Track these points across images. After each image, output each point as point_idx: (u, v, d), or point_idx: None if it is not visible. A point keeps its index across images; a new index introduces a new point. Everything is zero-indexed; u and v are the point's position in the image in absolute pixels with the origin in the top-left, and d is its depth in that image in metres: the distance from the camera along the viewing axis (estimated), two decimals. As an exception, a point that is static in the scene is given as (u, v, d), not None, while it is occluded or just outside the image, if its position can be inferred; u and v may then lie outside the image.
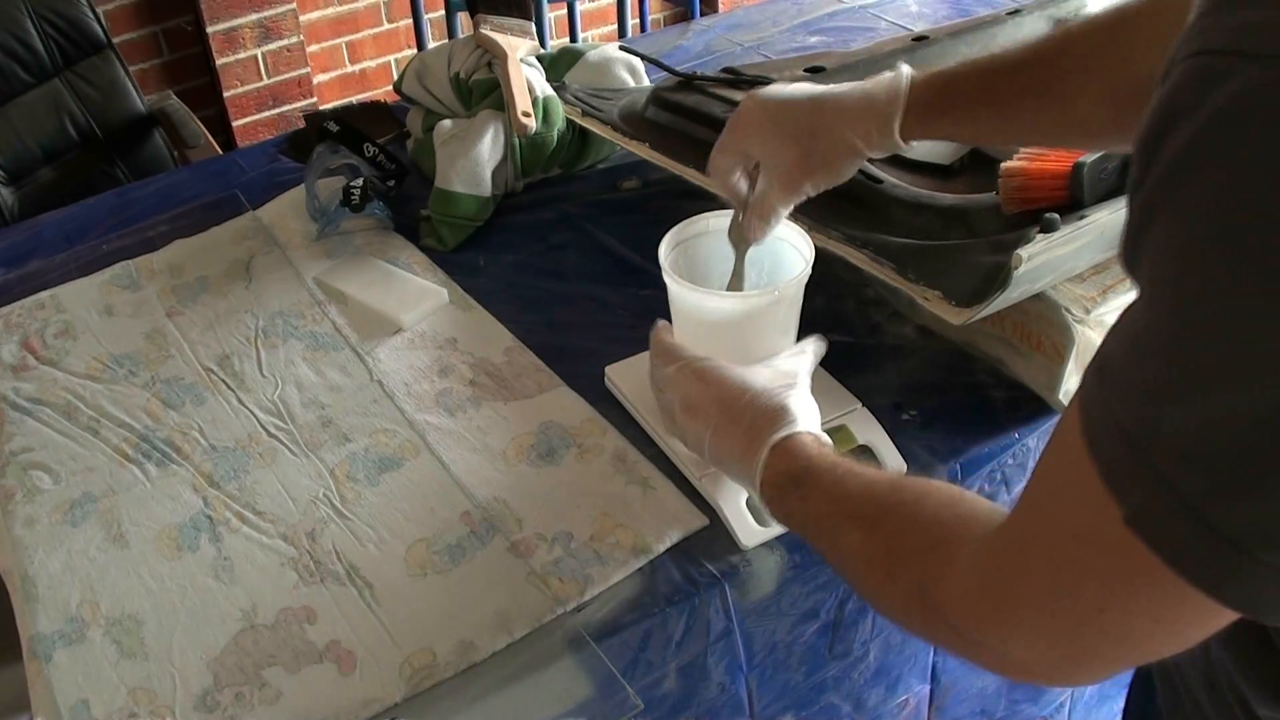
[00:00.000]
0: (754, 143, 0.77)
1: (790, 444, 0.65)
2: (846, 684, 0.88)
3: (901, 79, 0.72)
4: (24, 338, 0.99)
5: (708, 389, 0.70)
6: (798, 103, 0.75)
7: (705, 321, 0.77)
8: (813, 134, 0.74)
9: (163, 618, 0.73)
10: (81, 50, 1.81)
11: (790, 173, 0.75)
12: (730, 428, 0.68)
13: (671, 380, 0.73)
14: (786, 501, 0.64)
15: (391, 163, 1.14)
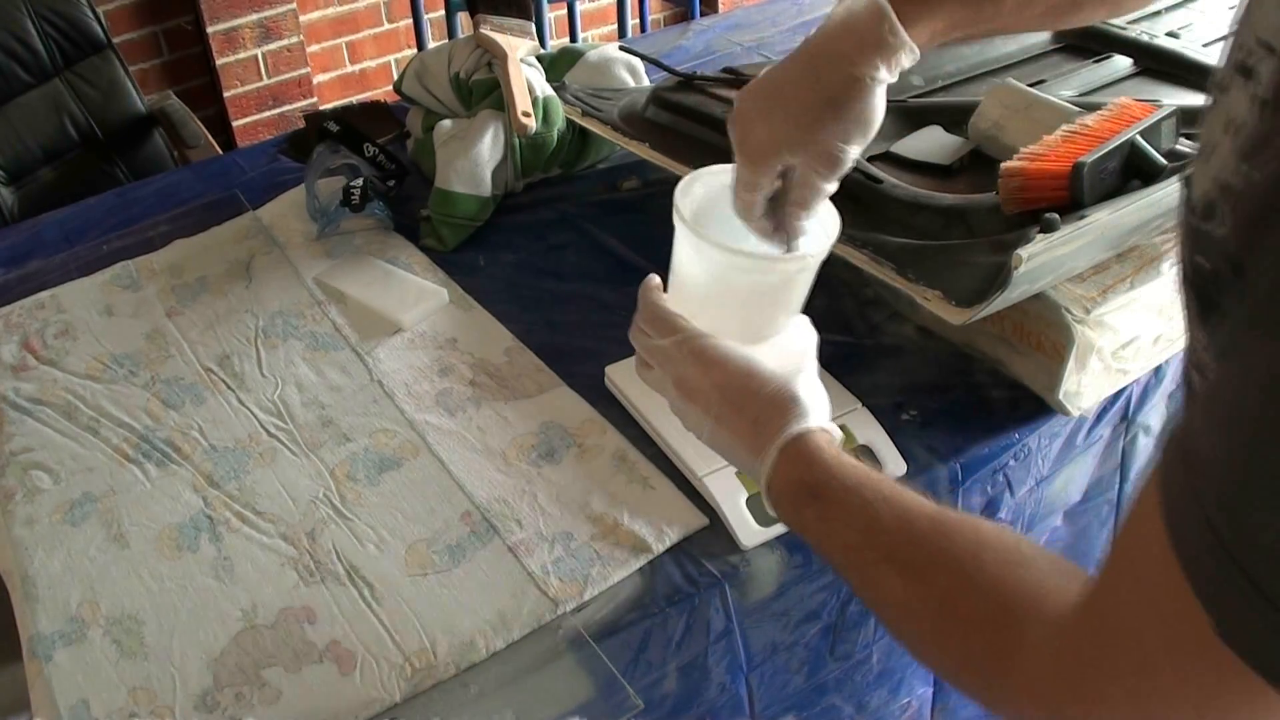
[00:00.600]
0: (773, 147, 0.66)
1: (803, 445, 0.59)
2: (849, 686, 0.88)
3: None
4: (24, 338, 0.99)
5: (708, 372, 0.63)
6: (792, 74, 0.66)
7: (716, 284, 0.67)
8: (827, 95, 0.64)
9: (163, 618, 0.73)
10: (81, 50, 1.81)
11: (828, 149, 0.65)
12: (734, 418, 0.62)
13: (665, 355, 0.66)
14: (800, 513, 0.59)
15: (391, 163, 1.14)
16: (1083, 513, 0.95)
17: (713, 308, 0.67)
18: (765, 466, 0.60)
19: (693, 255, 0.66)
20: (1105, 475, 0.94)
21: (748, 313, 0.68)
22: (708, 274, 0.67)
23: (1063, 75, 1.06)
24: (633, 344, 0.69)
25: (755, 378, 0.62)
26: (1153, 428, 0.94)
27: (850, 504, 0.56)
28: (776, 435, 0.60)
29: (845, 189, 0.88)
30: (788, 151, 0.65)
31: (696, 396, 0.64)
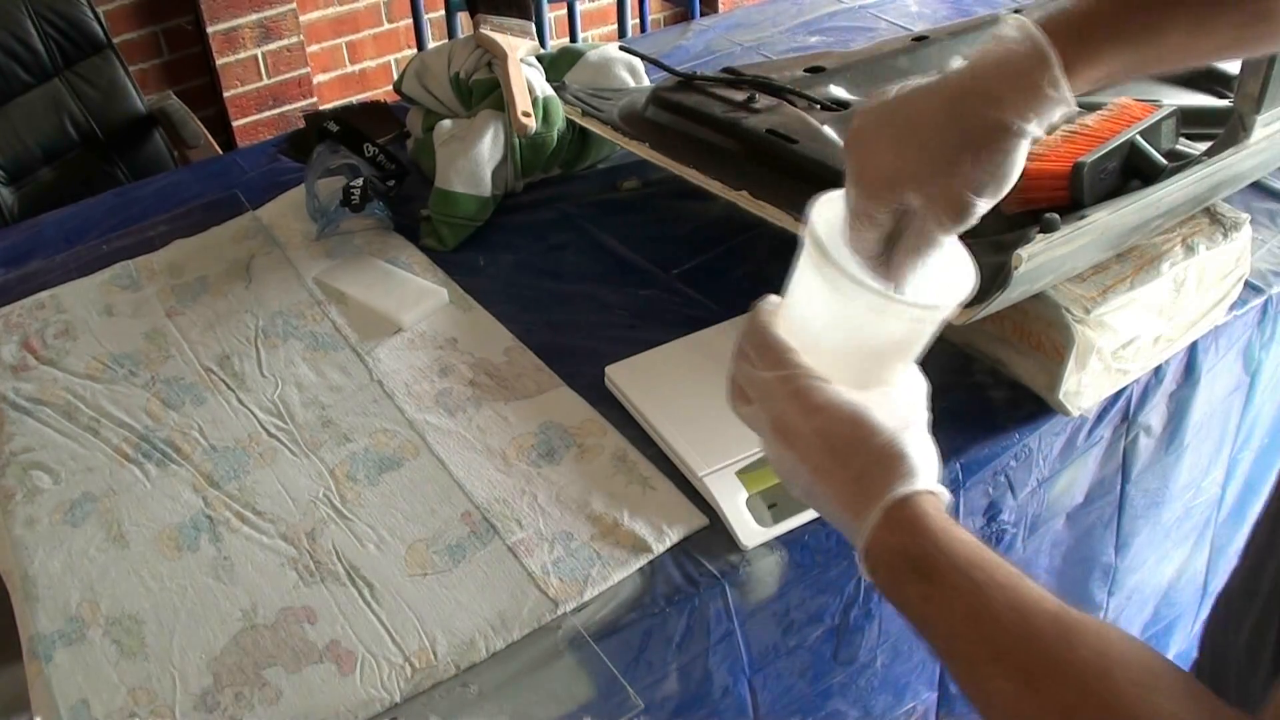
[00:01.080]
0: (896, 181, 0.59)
1: (908, 510, 0.53)
2: (853, 691, 0.88)
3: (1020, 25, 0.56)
4: (24, 338, 0.99)
5: (811, 416, 0.57)
6: (931, 105, 0.58)
7: (841, 321, 0.60)
8: (968, 139, 0.57)
9: (163, 618, 0.73)
10: (81, 50, 1.81)
11: (956, 197, 0.58)
12: (835, 471, 0.56)
13: (767, 390, 0.59)
14: (901, 588, 0.54)
15: (391, 163, 1.14)
16: (1085, 515, 0.95)
17: (830, 345, 0.60)
18: (865, 529, 0.54)
19: (819, 285, 0.59)
20: (1107, 477, 0.94)
21: (868, 356, 0.60)
22: (833, 308, 0.59)
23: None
24: (733, 370, 0.62)
25: (862, 428, 0.56)
26: (1153, 428, 0.94)
27: (960, 587, 0.50)
28: (880, 495, 0.54)
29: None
30: (912, 190, 0.58)
31: (795, 441, 0.58)
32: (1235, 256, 0.89)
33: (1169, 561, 1.11)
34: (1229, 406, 1.02)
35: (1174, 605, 1.17)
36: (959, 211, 0.58)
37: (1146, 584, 1.10)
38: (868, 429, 0.56)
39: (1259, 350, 0.99)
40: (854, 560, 0.78)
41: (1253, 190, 1.04)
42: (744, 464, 0.78)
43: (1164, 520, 1.04)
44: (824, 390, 0.57)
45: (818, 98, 1.02)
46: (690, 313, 0.97)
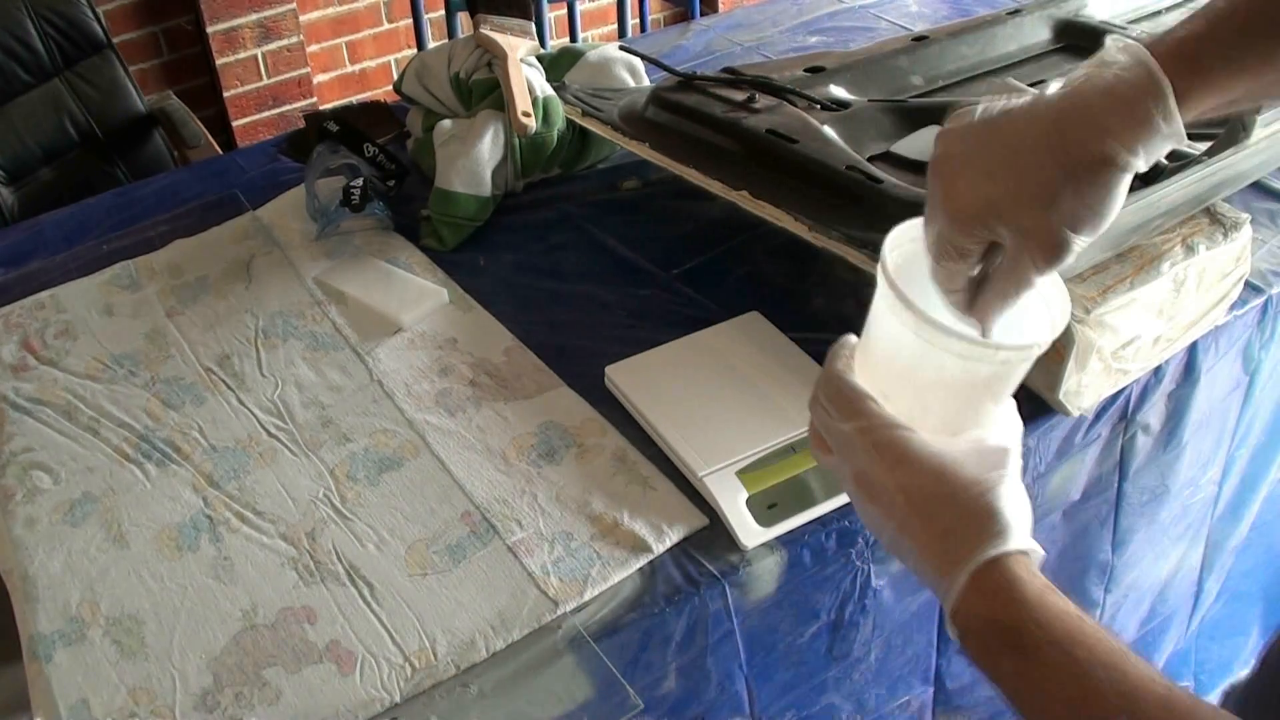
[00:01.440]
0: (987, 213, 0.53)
1: (1000, 574, 0.50)
2: (847, 684, 0.88)
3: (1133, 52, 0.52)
4: (24, 338, 0.99)
5: (893, 471, 0.53)
6: (1029, 130, 0.53)
7: (921, 365, 0.55)
8: (1069, 171, 0.52)
9: (163, 618, 0.73)
10: (81, 50, 1.81)
11: (1052, 234, 0.53)
12: (920, 529, 0.53)
13: (846, 442, 0.56)
14: (994, 660, 0.50)
15: (391, 163, 1.14)
16: (1081, 511, 0.96)
17: (911, 391, 0.56)
18: (952, 593, 0.51)
19: (895, 328, 0.54)
20: (1104, 474, 0.94)
21: (956, 400, 0.56)
22: (915, 351, 0.55)
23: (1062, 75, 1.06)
24: (811, 413, 0.60)
25: (948, 483, 0.52)
26: (1152, 426, 0.94)
27: (1059, 666, 0.47)
28: (968, 557, 0.50)
29: (845, 189, 0.89)
30: (1005, 222, 0.53)
31: (879, 496, 0.54)
32: (1235, 256, 0.89)
33: (1165, 559, 1.11)
34: (1228, 405, 1.02)
35: (1168, 602, 1.17)
36: (1055, 249, 0.53)
37: (1143, 581, 1.10)
38: (954, 484, 0.52)
39: (1258, 350, 0.99)
40: (851, 558, 0.80)
41: (1253, 190, 1.04)
42: (744, 464, 0.78)
43: (1161, 518, 1.04)
44: (907, 441, 0.53)
45: (818, 98, 1.02)
46: (690, 313, 0.97)
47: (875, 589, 0.83)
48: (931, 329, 0.52)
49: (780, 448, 0.79)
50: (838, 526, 0.77)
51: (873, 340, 0.57)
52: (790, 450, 0.79)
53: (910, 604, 0.87)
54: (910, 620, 0.89)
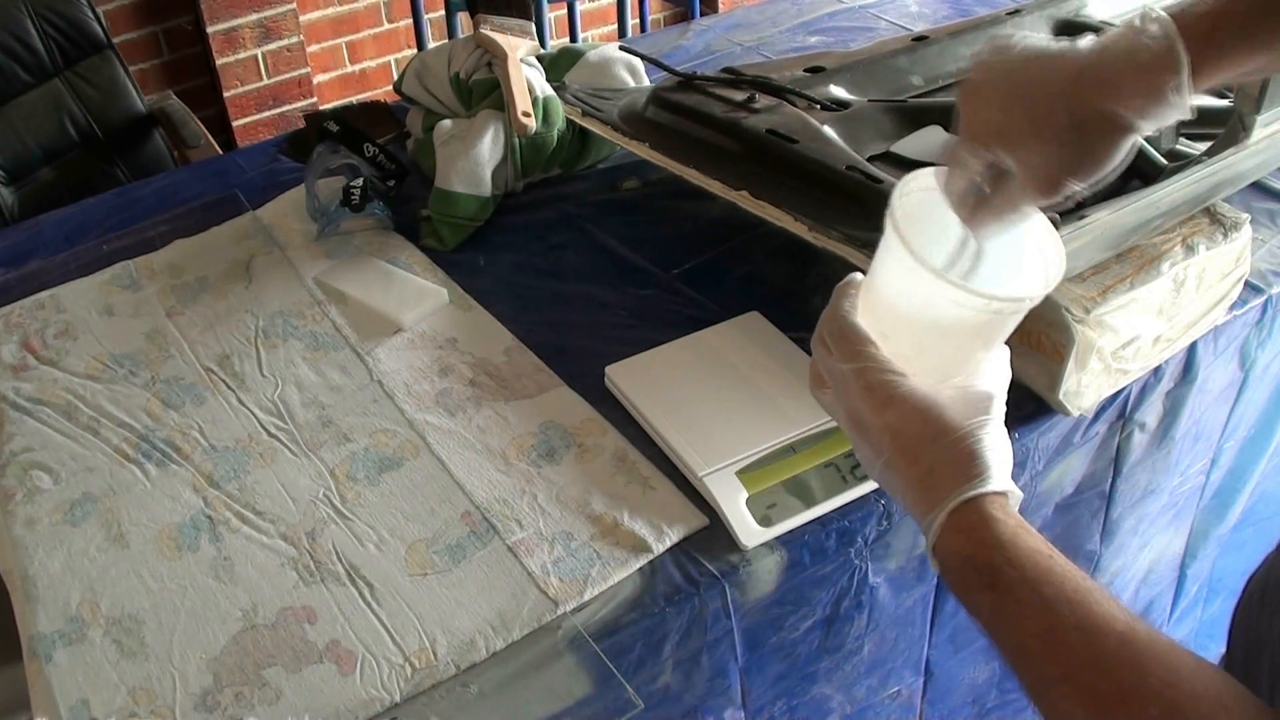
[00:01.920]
0: (998, 139, 0.58)
1: (975, 515, 0.53)
2: (839, 676, 0.88)
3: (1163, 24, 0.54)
4: (24, 338, 0.99)
5: (882, 410, 0.56)
6: (1051, 77, 0.57)
7: (919, 310, 0.58)
8: (1078, 120, 0.56)
9: (163, 618, 0.73)
10: (81, 50, 1.81)
11: (1050, 173, 0.57)
12: (906, 467, 0.56)
13: (841, 380, 0.59)
14: (969, 594, 0.53)
15: (391, 163, 1.14)
16: (1074, 505, 0.96)
17: (908, 334, 0.59)
18: (932, 530, 0.54)
19: (899, 273, 0.57)
20: (1099, 470, 0.95)
21: (950, 345, 0.59)
22: (912, 297, 0.58)
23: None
24: (813, 351, 0.62)
25: (932, 425, 0.55)
26: (1148, 424, 0.94)
27: (1028, 603, 0.50)
28: (947, 497, 0.54)
29: (845, 189, 0.89)
30: (1010, 151, 0.57)
31: (869, 434, 0.58)
32: (1235, 256, 0.89)
33: (1150, 548, 1.12)
34: (1222, 400, 1.02)
35: (1152, 586, 1.17)
36: (1050, 187, 0.57)
37: (1127, 569, 1.10)
38: (938, 426, 0.55)
39: (1255, 348, 0.99)
40: (850, 556, 0.80)
41: (1253, 190, 1.04)
42: (744, 464, 0.78)
43: (1150, 511, 1.04)
44: (896, 385, 0.56)
45: (818, 98, 1.02)
46: (690, 313, 0.97)
47: (872, 586, 0.83)
48: (931, 275, 0.55)
49: (780, 448, 0.79)
50: (837, 526, 0.77)
51: (877, 282, 0.59)
52: (790, 450, 0.79)
53: (906, 599, 0.88)
54: (905, 615, 0.89)
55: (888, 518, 0.79)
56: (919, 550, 0.85)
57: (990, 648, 0.52)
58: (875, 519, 0.79)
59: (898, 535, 0.82)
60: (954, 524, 0.53)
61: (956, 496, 0.53)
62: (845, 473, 0.79)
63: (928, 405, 0.56)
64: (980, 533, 0.52)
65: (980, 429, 0.55)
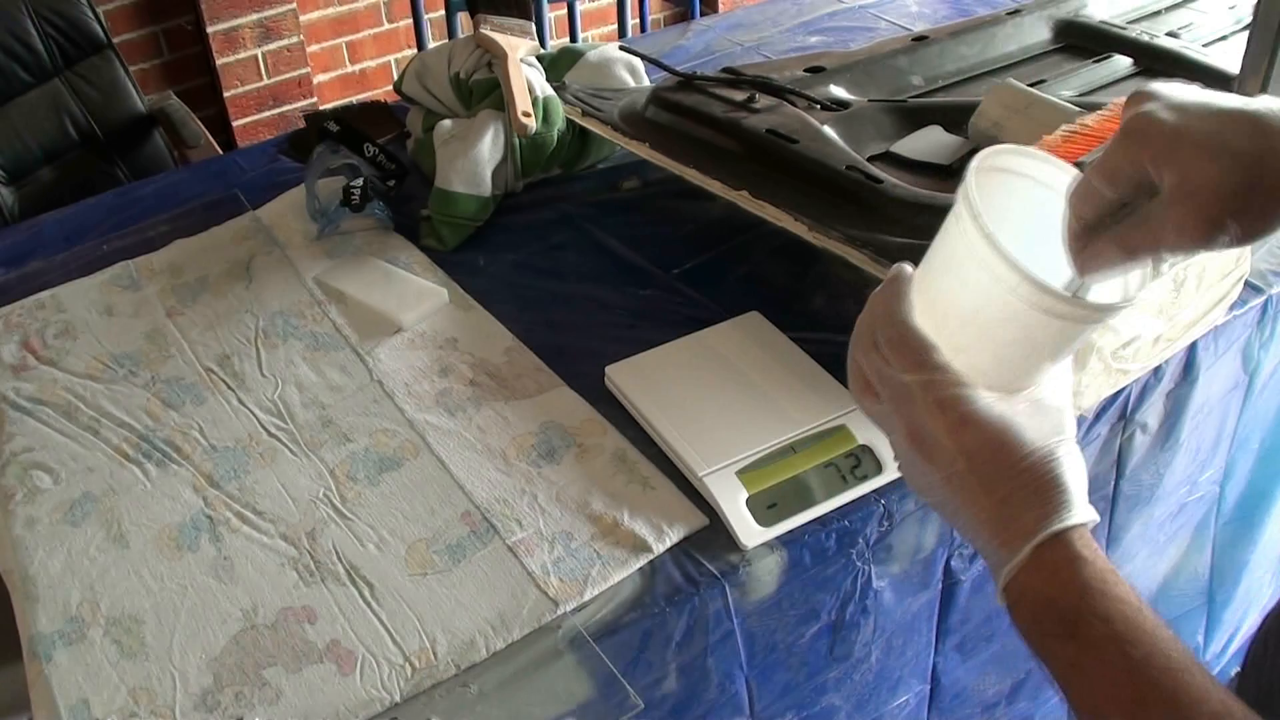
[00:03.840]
0: (1163, 158, 0.48)
1: (1060, 552, 0.48)
2: (848, 685, 0.88)
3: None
4: (24, 338, 0.99)
5: (956, 432, 0.51)
6: (1231, 117, 0.49)
7: (1000, 318, 0.50)
8: (1258, 159, 0.47)
9: (163, 618, 0.73)
10: (81, 50, 1.81)
11: (1212, 203, 0.47)
12: (978, 494, 0.50)
13: (903, 393, 0.52)
14: (1045, 640, 0.49)
15: (391, 163, 1.14)
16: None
17: (983, 344, 0.52)
18: (1010, 567, 0.49)
19: (985, 283, 0.50)
20: (1101, 472, 0.94)
21: (1018, 353, 0.52)
22: (986, 294, 0.50)
23: (1063, 75, 1.06)
24: (856, 358, 0.56)
25: (1011, 449, 0.50)
26: (1150, 425, 0.94)
27: (1115, 665, 0.45)
28: (1029, 530, 0.49)
29: (845, 189, 0.89)
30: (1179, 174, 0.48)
31: (935, 455, 0.52)
32: (1235, 256, 0.89)
33: (1163, 558, 1.11)
34: (1227, 404, 1.02)
35: (1175, 604, 1.17)
36: (1209, 231, 0.48)
37: (1138, 578, 1.10)
38: (1017, 449, 0.50)
39: (1258, 350, 0.99)
40: (852, 558, 0.80)
41: (1253, 190, 1.04)
42: (744, 464, 0.78)
43: (1156, 515, 1.04)
44: (971, 401, 0.51)
45: (818, 98, 1.02)
46: (690, 313, 0.97)
47: (876, 590, 0.83)
48: (1034, 289, 0.48)
49: (780, 448, 0.79)
50: (838, 526, 0.77)
51: (937, 274, 0.52)
52: (790, 450, 0.79)
53: (911, 605, 0.87)
54: (911, 621, 0.89)
55: (888, 518, 0.79)
56: (922, 554, 0.85)
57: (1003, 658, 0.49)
58: (876, 520, 0.79)
59: (899, 537, 0.82)
60: (1036, 561, 0.48)
61: (1041, 531, 0.48)
62: (845, 473, 0.79)
63: (1005, 425, 0.50)
64: (1065, 574, 0.48)
65: (1058, 449, 0.50)
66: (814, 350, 0.88)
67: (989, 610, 0.93)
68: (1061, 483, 0.49)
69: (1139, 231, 0.49)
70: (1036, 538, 0.48)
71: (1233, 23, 1.17)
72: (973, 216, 0.49)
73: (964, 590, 0.90)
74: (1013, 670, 1.03)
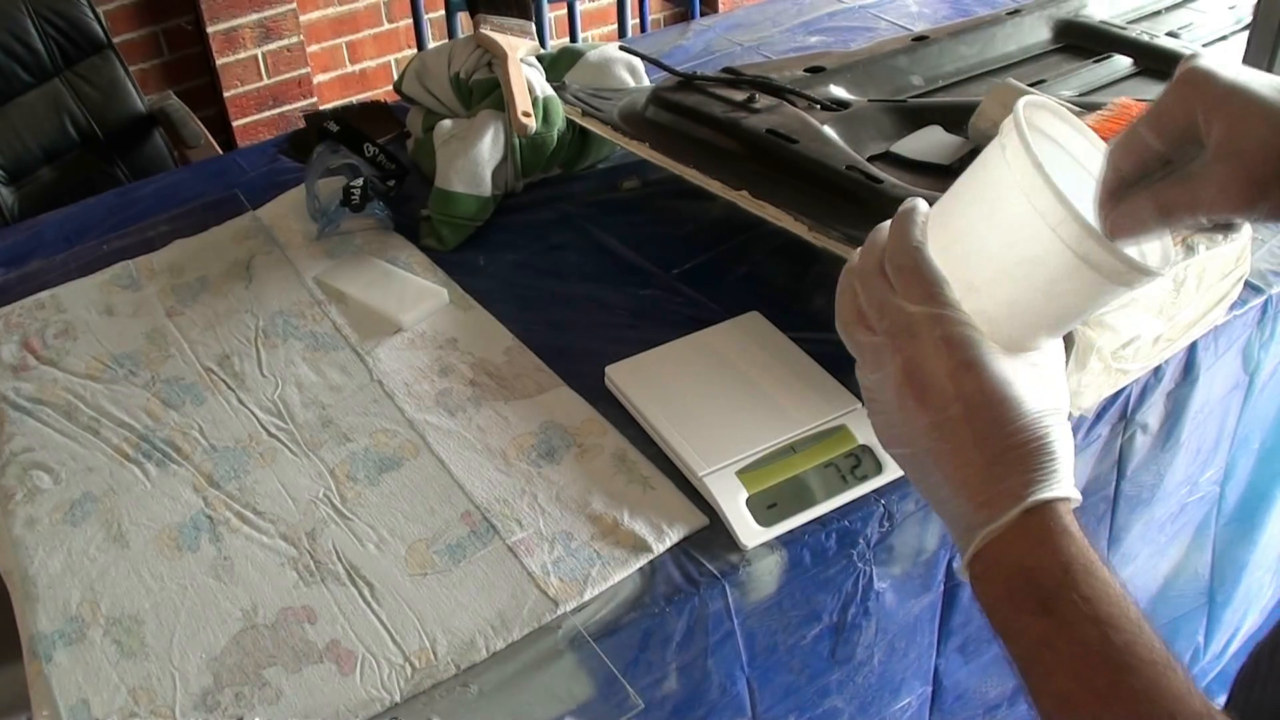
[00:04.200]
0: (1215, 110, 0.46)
1: (1045, 522, 0.45)
2: (850, 688, 0.88)
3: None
4: (24, 338, 0.99)
5: (959, 375, 0.47)
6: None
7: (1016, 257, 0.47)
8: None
9: (163, 617, 0.73)
10: (81, 50, 1.81)
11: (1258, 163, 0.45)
12: (966, 447, 0.47)
13: (905, 325, 0.49)
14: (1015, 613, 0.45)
15: (391, 163, 1.14)
16: (1080, 511, 0.96)
17: (1004, 291, 0.48)
18: (988, 530, 0.46)
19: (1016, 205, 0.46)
20: (1103, 473, 0.94)
21: (1042, 314, 0.49)
22: (1026, 248, 0.46)
23: (1063, 75, 1.06)
24: (852, 284, 0.52)
25: (1009, 405, 0.47)
26: (1150, 426, 0.94)
27: (1091, 647, 0.42)
28: (1019, 494, 0.45)
29: (845, 189, 0.89)
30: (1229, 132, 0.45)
31: (930, 396, 0.48)
32: (1235, 257, 0.89)
33: (1164, 558, 1.11)
34: (1227, 405, 1.02)
35: (1175, 605, 1.17)
36: (1250, 194, 0.45)
37: (1139, 578, 1.10)
38: (1015, 406, 0.46)
39: (1258, 350, 0.99)
40: (853, 559, 0.79)
41: (1253, 190, 1.04)
42: (744, 464, 0.78)
43: (1157, 516, 1.04)
44: (978, 345, 0.47)
45: (818, 98, 1.02)
46: (690, 313, 0.97)
47: (878, 591, 0.83)
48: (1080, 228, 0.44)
49: (780, 448, 0.79)
50: (838, 526, 0.77)
51: (974, 216, 0.49)
52: (790, 450, 0.79)
53: (913, 607, 0.87)
54: (913, 623, 0.89)
55: (889, 519, 0.79)
56: (924, 556, 0.85)
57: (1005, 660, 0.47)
58: (876, 520, 0.79)
59: (900, 538, 0.81)
60: (1019, 528, 0.45)
61: (1030, 496, 0.45)
62: (845, 473, 0.79)
63: (1008, 379, 0.47)
64: (1049, 545, 0.45)
65: (1050, 417, 0.47)
66: (814, 350, 0.88)
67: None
68: (1053, 451, 0.46)
69: (1178, 189, 0.46)
70: (1025, 502, 0.45)
71: (1233, 23, 1.18)
72: (1025, 144, 0.45)
73: (966, 592, 0.90)
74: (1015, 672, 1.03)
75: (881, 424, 0.51)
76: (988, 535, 0.46)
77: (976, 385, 0.47)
